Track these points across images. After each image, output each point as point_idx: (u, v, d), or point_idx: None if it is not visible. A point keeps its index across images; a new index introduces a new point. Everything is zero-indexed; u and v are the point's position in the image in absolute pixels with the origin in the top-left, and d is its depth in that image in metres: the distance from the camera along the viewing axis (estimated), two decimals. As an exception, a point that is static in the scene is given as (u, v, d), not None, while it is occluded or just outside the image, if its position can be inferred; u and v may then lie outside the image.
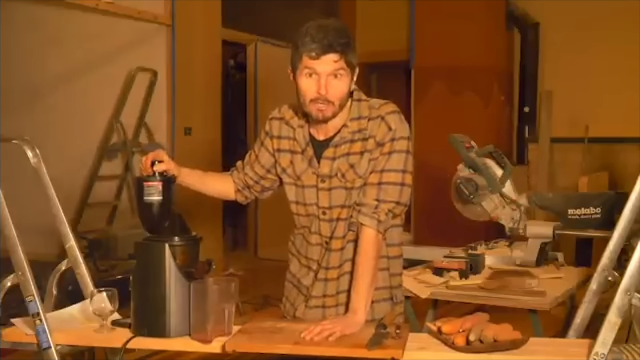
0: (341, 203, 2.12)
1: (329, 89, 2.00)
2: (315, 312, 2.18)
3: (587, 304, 2.02)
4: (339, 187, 2.11)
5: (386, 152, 2.08)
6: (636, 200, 1.91)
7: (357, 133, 2.10)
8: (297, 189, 2.18)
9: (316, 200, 2.14)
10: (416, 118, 7.59)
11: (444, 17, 7.31)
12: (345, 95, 2.07)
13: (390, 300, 2.20)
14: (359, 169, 2.09)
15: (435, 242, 4.12)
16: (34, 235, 3.55)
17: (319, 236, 2.17)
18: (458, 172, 3.28)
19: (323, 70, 1.99)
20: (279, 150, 2.22)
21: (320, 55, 1.98)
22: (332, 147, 2.11)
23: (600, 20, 7.19)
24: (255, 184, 2.30)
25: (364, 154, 2.09)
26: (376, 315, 2.14)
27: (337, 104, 2.04)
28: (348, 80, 2.05)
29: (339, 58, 1.99)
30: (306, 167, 2.15)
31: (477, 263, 3.09)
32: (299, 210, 2.20)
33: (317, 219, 2.15)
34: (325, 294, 2.18)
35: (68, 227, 2.26)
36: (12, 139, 2.24)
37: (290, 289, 2.28)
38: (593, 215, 3.28)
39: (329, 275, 2.17)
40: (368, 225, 2.05)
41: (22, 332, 2.10)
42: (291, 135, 2.19)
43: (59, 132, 6.41)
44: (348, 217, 2.12)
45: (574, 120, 7.14)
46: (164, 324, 1.98)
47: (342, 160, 2.10)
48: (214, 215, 6.36)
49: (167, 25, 6.12)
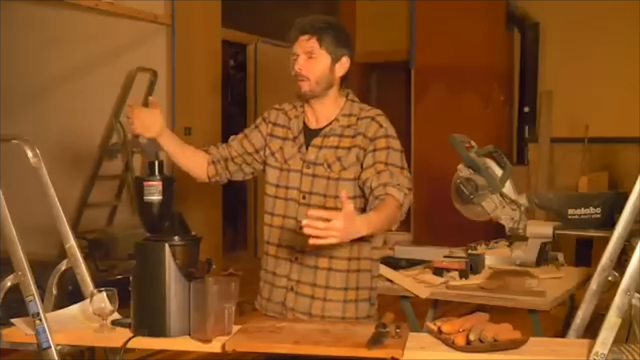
0: (322, 192, 2.23)
1: (303, 67, 2.22)
2: (303, 300, 2.25)
3: (587, 304, 2.02)
4: (322, 176, 2.24)
5: (383, 146, 2.20)
6: (636, 200, 1.91)
7: (346, 128, 2.25)
8: (282, 173, 2.30)
9: (299, 185, 2.26)
10: (416, 118, 7.59)
11: (444, 17, 7.31)
12: (322, 75, 2.23)
13: (368, 301, 2.30)
14: (346, 161, 2.22)
15: (435, 242, 4.11)
16: (34, 235, 3.55)
17: (293, 220, 2.26)
18: (458, 172, 3.28)
19: (299, 50, 2.24)
20: (272, 135, 2.36)
21: (297, 37, 2.24)
22: (321, 136, 2.27)
23: (600, 20, 7.20)
24: (237, 156, 2.38)
25: (352, 149, 2.22)
26: (359, 314, 2.24)
27: (312, 80, 2.22)
28: (324, 62, 2.23)
29: (309, 38, 2.22)
30: (295, 152, 2.29)
31: (477, 263, 3.09)
32: (278, 193, 2.30)
33: (296, 203, 2.26)
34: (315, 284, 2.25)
35: (68, 227, 2.26)
36: (12, 139, 2.24)
37: (262, 285, 2.39)
38: (593, 215, 3.28)
39: (309, 262, 2.24)
40: (396, 197, 2.10)
41: (22, 332, 2.09)
42: (286, 124, 2.34)
43: (59, 132, 6.41)
44: (324, 205, 2.20)
45: (574, 120, 7.14)
46: (164, 323, 1.98)
47: (329, 152, 2.24)
48: (214, 215, 6.36)
49: (167, 25, 6.11)
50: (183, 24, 6.18)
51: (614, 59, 7.13)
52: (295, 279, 2.28)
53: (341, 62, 2.26)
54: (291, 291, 2.29)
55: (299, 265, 2.27)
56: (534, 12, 7.57)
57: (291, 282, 2.29)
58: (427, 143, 7.28)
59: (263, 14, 7.34)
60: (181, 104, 6.23)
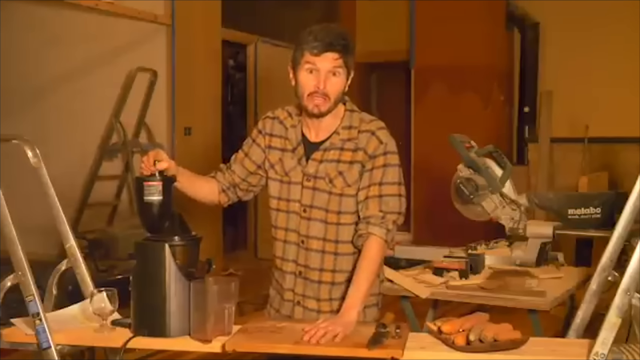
0: (324, 206, 2.20)
1: (327, 84, 2.13)
2: (310, 314, 2.23)
3: (587, 304, 2.02)
4: (323, 190, 2.20)
5: (381, 165, 2.18)
6: (636, 200, 1.91)
7: (347, 142, 2.21)
8: (283, 185, 2.26)
9: (299, 198, 2.23)
10: (416, 118, 7.59)
11: (444, 17, 7.31)
12: (340, 93, 2.18)
13: (376, 306, 2.28)
14: (349, 178, 2.19)
15: (435, 242, 4.12)
16: (34, 235, 3.55)
17: (296, 234, 2.24)
18: (458, 172, 3.28)
19: (323, 66, 2.13)
20: (270, 147, 2.30)
21: (321, 52, 2.12)
22: (321, 150, 2.22)
23: (600, 20, 7.20)
24: (242, 181, 2.34)
25: (354, 164, 2.19)
26: (367, 319, 2.19)
27: (332, 100, 2.16)
28: (344, 79, 2.18)
29: (338, 57, 2.13)
30: (295, 164, 2.24)
31: (477, 263, 3.09)
32: (280, 206, 2.27)
33: (297, 216, 2.23)
34: (319, 298, 2.23)
35: (68, 227, 2.26)
36: (12, 139, 2.24)
37: (274, 295, 2.35)
38: (593, 215, 3.28)
39: (312, 277, 2.22)
40: (378, 235, 2.14)
41: (22, 332, 2.09)
42: (283, 134, 2.28)
43: (59, 132, 6.41)
44: (325, 220, 2.20)
45: (574, 120, 7.15)
46: (164, 323, 1.98)
47: (330, 166, 2.20)
48: (214, 215, 6.36)
49: (167, 25, 6.11)
50: (183, 24, 6.18)
51: (614, 59, 7.13)
52: (300, 293, 2.25)
53: (351, 76, 2.22)
54: (298, 305, 2.26)
55: (303, 280, 2.24)
56: (534, 12, 7.57)
57: (297, 296, 2.26)
58: (427, 143, 7.28)
59: (263, 14, 7.34)
60: (181, 104, 6.23)
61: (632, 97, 6.86)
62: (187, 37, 6.23)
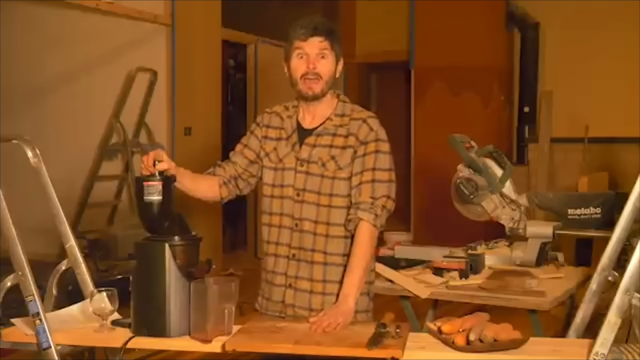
0: (316, 189, 2.28)
1: (317, 65, 2.27)
2: (302, 295, 2.29)
3: (587, 304, 2.02)
4: (316, 174, 2.29)
5: (372, 150, 2.28)
6: (636, 200, 1.91)
7: (339, 128, 2.31)
8: (277, 172, 2.35)
9: (293, 182, 2.31)
10: (416, 118, 7.59)
11: (444, 17, 7.31)
12: (332, 75, 2.30)
13: (367, 295, 2.35)
14: (341, 161, 2.28)
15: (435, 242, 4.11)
16: (34, 235, 3.55)
17: (290, 218, 2.31)
18: (458, 172, 3.27)
19: (311, 50, 2.27)
20: (266, 137, 2.40)
21: (308, 37, 2.26)
22: (314, 135, 2.32)
23: (600, 20, 7.19)
24: (244, 171, 2.42)
25: (346, 148, 2.28)
26: (358, 307, 2.25)
27: (324, 80, 2.28)
28: (333, 62, 2.31)
29: (323, 39, 2.27)
30: (289, 151, 2.34)
31: (477, 263, 3.09)
32: (274, 192, 2.35)
33: (291, 200, 2.30)
34: (312, 279, 2.29)
35: (68, 227, 2.26)
36: (12, 139, 2.24)
37: (264, 286, 2.42)
38: (593, 215, 3.28)
39: (305, 258, 2.29)
40: (366, 220, 2.23)
41: (22, 332, 2.10)
42: (280, 125, 2.39)
43: (59, 132, 6.41)
44: (317, 202, 2.27)
45: (574, 120, 7.15)
46: (164, 323, 1.98)
47: (323, 150, 2.29)
48: (214, 215, 6.35)
49: (167, 26, 6.12)
50: (183, 24, 6.19)
51: (614, 59, 7.13)
52: (293, 275, 2.31)
53: (340, 63, 2.34)
54: (290, 288, 2.31)
55: (296, 262, 2.31)
56: (534, 12, 7.57)
57: (289, 278, 2.32)
58: (427, 143, 7.28)
59: (263, 14, 7.35)
60: (181, 104, 6.23)
61: (632, 97, 6.86)
62: (187, 37, 6.23)
